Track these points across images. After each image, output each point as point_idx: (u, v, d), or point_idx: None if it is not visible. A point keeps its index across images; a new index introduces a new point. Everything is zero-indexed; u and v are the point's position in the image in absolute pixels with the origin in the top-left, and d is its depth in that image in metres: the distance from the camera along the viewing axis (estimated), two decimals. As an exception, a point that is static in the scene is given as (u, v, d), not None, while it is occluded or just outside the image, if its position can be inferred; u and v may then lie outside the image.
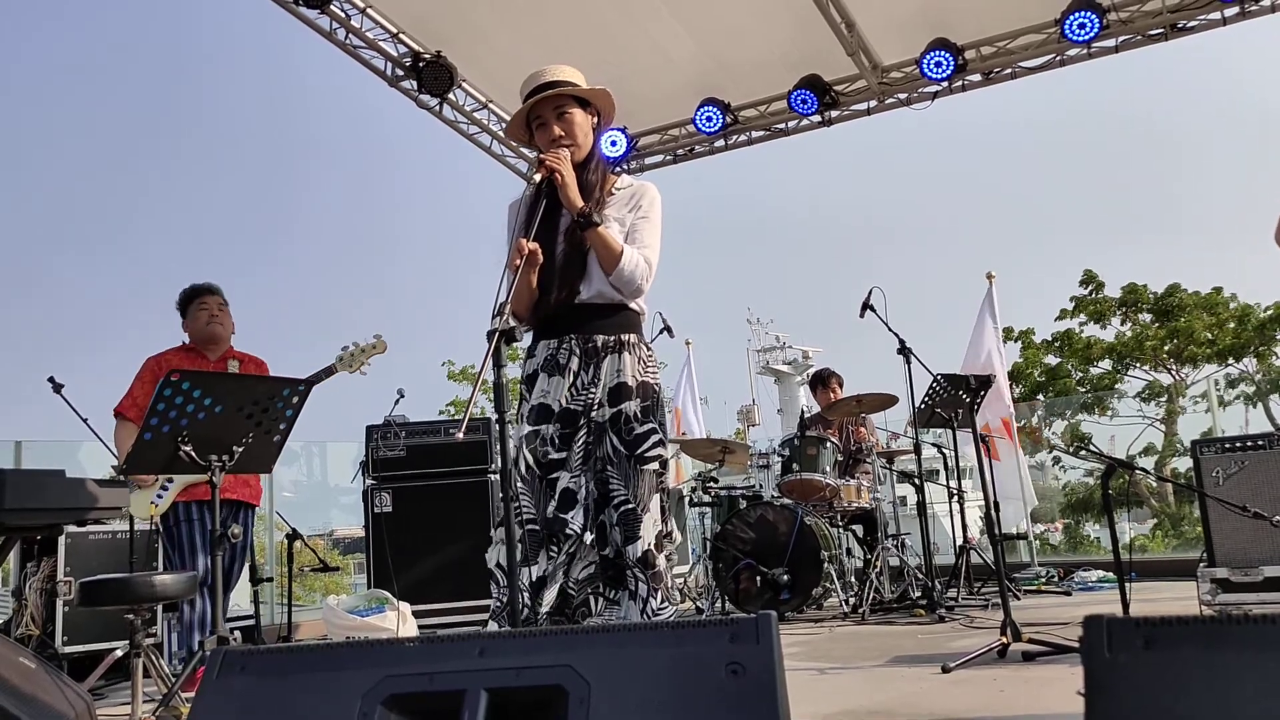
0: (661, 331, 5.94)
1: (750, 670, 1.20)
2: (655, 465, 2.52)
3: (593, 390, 2.52)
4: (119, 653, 4.37)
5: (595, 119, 2.70)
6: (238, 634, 3.53)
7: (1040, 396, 22.24)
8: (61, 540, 4.53)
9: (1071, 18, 5.75)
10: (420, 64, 6.25)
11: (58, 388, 4.55)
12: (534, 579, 2.41)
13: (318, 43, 5.93)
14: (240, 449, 2.92)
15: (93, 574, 3.75)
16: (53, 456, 6.22)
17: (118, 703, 3.97)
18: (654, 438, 2.53)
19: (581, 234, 2.52)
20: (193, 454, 2.81)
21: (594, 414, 2.52)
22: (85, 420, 4.51)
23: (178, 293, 4.41)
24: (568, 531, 2.42)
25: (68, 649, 4.48)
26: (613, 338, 2.57)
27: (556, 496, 2.45)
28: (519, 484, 2.49)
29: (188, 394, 2.76)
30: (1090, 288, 23.26)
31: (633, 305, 2.63)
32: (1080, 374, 23.35)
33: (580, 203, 2.52)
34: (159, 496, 3.94)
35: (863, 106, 6.73)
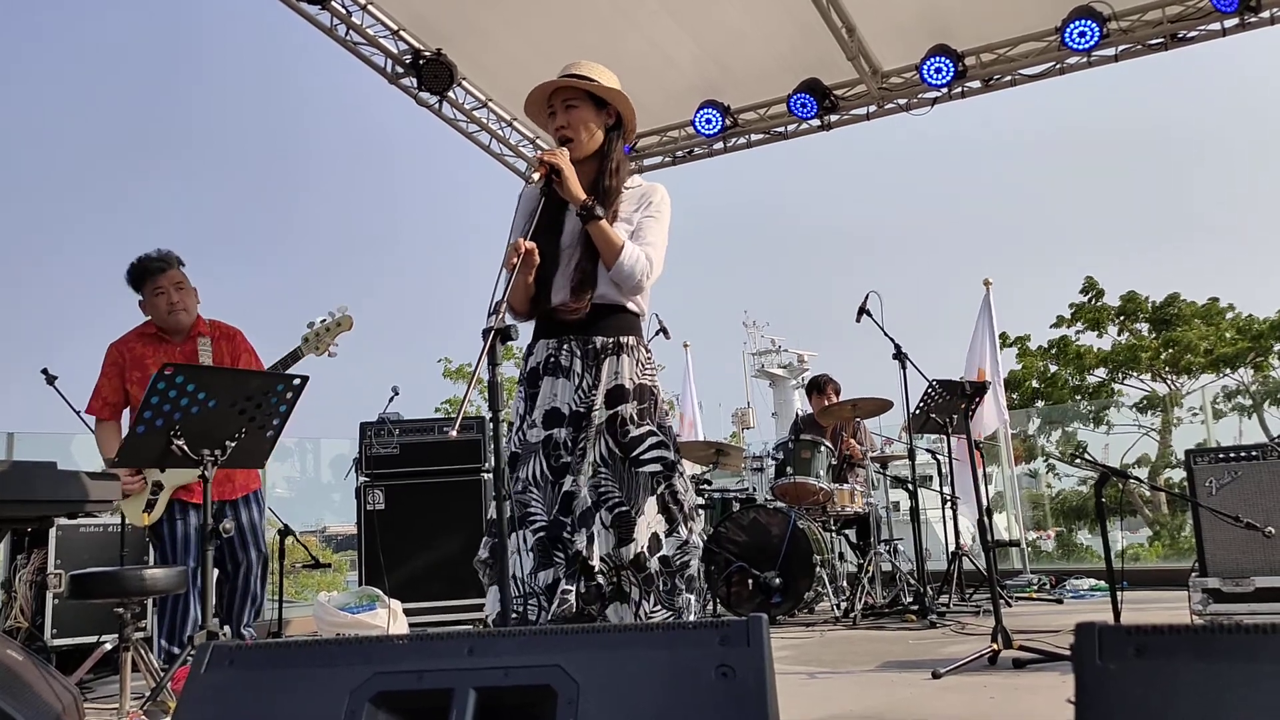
0: (657, 333, 5.95)
1: (740, 673, 1.20)
2: (653, 468, 2.49)
3: (594, 393, 2.51)
4: (108, 646, 4.36)
5: (611, 121, 2.64)
6: (226, 629, 3.51)
7: (1038, 404, 22.28)
8: (52, 533, 4.52)
9: (1072, 26, 5.76)
10: (420, 61, 6.25)
11: (51, 379, 4.53)
12: (548, 583, 2.39)
13: (314, 39, 5.92)
14: (233, 444, 2.91)
15: (83, 567, 3.73)
16: (45, 448, 6.19)
17: (106, 696, 3.96)
18: (651, 440, 2.50)
19: (583, 226, 2.50)
20: (185, 448, 2.79)
21: (594, 415, 2.50)
22: (79, 413, 4.47)
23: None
24: (564, 535, 2.41)
25: (56, 642, 4.46)
26: (611, 340, 2.55)
27: (559, 500, 2.44)
28: (533, 490, 2.47)
29: (181, 387, 2.74)
30: (1090, 295, 23.30)
31: (632, 306, 2.60)
32: (1077, 382, 23.38)
33: (582, 195, 2.48)
34: (149, 506, 3.74)
35: (862, 111, 6.74)
